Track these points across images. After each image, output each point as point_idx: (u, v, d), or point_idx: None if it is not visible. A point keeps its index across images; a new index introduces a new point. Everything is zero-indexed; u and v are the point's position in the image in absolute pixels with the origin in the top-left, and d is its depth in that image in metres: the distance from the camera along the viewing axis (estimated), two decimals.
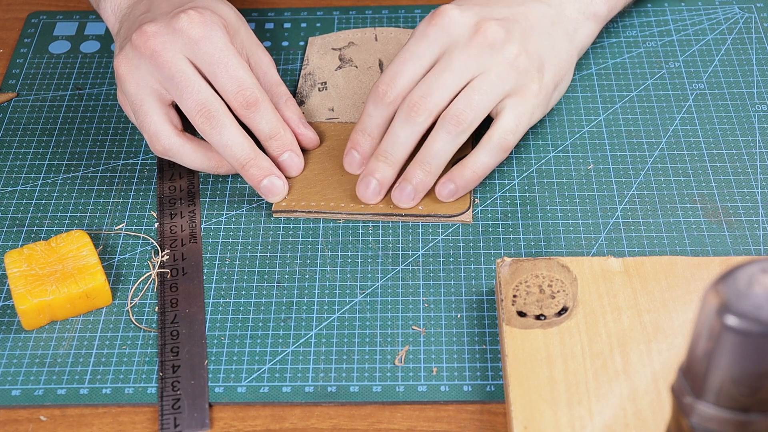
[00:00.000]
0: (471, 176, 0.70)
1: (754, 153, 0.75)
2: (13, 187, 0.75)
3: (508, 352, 0.60)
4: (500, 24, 0.70)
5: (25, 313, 0.64)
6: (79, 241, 0.67)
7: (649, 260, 0.65)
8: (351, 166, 0.73)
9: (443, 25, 0.69)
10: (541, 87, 0.71)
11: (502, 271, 0.64)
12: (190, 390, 0.62)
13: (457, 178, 0.70)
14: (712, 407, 0.46)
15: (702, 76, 0.81)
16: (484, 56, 0.69)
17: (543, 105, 0.72)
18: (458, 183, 0.70)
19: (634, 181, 0.73)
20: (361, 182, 0.71)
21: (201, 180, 0.75)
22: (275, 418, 0.61)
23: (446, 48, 0.69)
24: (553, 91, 0.72)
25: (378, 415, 0.61)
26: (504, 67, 0.69)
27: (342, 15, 0.88)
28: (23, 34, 0.87)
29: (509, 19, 0.71)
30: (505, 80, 0.69)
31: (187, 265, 0.69)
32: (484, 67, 0.69)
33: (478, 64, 0.69)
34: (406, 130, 0.69)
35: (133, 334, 0.66)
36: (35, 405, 0.62)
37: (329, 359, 0.64)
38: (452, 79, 0.69)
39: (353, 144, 0.72)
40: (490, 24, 0.69)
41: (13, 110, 0.81)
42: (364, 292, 0.67)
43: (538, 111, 0.71)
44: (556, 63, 0.73)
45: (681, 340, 0.60)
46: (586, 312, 0.62)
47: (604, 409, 0.57)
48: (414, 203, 0.70)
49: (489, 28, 0.69)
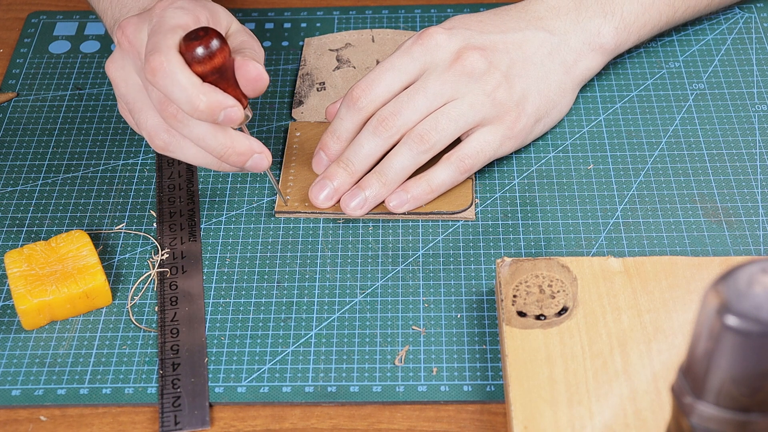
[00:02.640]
0: (425, 189, 0.70)
1: (754, 153, 0.75)
2: (13, 187, 0.75)
3: (508, 352, 0.60)
4: (484, 54, 0.70)
5: (25, 313, 0.64)
6: (79, 241, 0.67)
7: (649, 260, 0.65)
8: (318, 167, 0.73)
9: (428, 46, 0.70)
10: (518, 120, 0.71)
11: (502, 271, 0.64)
12: (191, 388, 0.62)
13: (411, 189, 0.70)
14: (712, 407, 0.46)
15: (702, 76, 0.81)
16: (460, 84, 0.70)
17: (518, 137, 0.72)
18: (412, 193, 0.70)
19: (634, 181, 0.73)
20: (317, 185, 0.71)
21: (201, 180, 0.75)
22: (275, 418, 0.61)
23: (426, 69, 0.70)
24: (534, 124, 0.73)
25: (378, 415, 0.61)
26: (479, 97, 0.70)
27: (342, 15, 0.88)
28: (23, 34, 0.87)
29: (498, 49, 0.71)
30: (478, 110, 0.70)
31: (186, 264, 0.69)
32: (458, 93, 0.70)
33: (453, 90, 0.70)
34: (371, 143, 0.69)
35: (133, 334, 0.66)
36: (35, 405, 0.62)
37: (329, 359, 0.64)
38: (424, 101, 0.69)
39: (322, 145, 0.72)
40: (472, 53, 0.70)
41: (13, 110, 0.81)
42: (364, 292, 0.67)
43: (509, 143, 0.72)
44: (542, 97, 0.73)
45: (681, 340, 0.60)
46: (586, 312, 0.62)
47: (604, 409, 0.57)
48: (361, 213, 0.70)
49: (470, 57, 0.69)
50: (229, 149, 0.65)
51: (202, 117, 0.62)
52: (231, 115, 0.63)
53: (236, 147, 0.65)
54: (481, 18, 0.74)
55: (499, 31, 0.72)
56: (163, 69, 0.61)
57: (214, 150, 0.65)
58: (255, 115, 0.80)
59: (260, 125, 0.79)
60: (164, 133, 0.66)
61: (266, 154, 0.66)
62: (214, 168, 0.68)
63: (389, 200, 0.70)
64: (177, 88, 0.61)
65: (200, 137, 0.64)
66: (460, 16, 0.73)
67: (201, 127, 0.64)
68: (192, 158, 0.67)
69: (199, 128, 0.64)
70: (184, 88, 0.61)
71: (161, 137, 0.66)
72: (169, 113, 0.64)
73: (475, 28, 0.72)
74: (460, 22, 0.72)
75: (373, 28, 0.86)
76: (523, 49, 0.72)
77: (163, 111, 0.64)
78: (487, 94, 0.70)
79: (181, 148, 0.67)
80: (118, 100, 0.69)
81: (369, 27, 0.86)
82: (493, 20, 0.73)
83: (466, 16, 0.74)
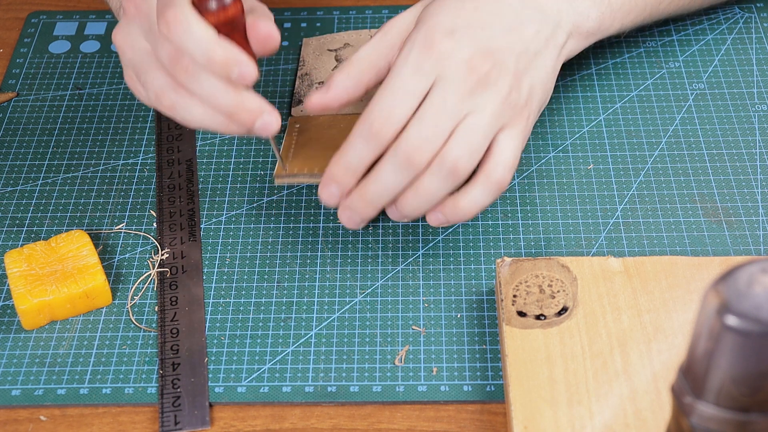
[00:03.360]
0: (465, 212, 0.66)
1: (754, 153, 0.75)
2: (13, 187, 0.75)
3: (508, 352, 0.60)
4: (494, 59, 0.67)
5: (25, 313, 0.64)
6: (79, 241, 0.67)
7: (649, 260, 0.65)
8: (330, 200, 0.67)
9: (437, 59, 0.65)
10: (530, 118, 0.68)
11: (502, 271, 0.64)
12: (191, 388, 0.62)
13: (449, 213, 0.66)
14: (712, 407, 0.46)
15: (702, 76, 0.81)
16: (477, 94, 0.65)
17: (529, 132, 0.70)
18: (450, 218, 0.66)
19: (634, 181, 0.73)
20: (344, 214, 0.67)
21: (201, 180, 0.75)
22: (275, 418, 0.61)
23: (437, 80, 0.65)
24: (537, 114, 0.70)
25: (378, 415, 0.61)
26: (498, 105, 0.66)
27: (342, 15, 0.88)
28: (23, 34, 0.87)
29: (503, 48, 0.68)
30: (498, 118, 0.66)
31: (186, 263, 0.69)
32: (477, 106, 0.65)
33: (472, 103, 0.65)
34: (399, 177, 0.64)
35: (133, 334, 0.66)
36: (35, 405, 0.62)
37: (329, 359, 0.64)
38: (447, 121, 0.65)
39: (334, 178, 0.66)
40: (485, 61, 0.66)
41: (13, 110, 0.81)
42: (364, 292, 0.67)
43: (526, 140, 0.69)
44: (542, 86, 0.70)
45: (681, 340, 0.60)
46: (586, 312, 0.62)
47: (604, 409, 0.57)
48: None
49: (483, 65, 0.66)
50: (239, 106, 0.64)
51: (216, 70, 0.62)
52: (245, 72, 0.62)
53: (247, 104, 0.64)
54: (476, 4, 0.69)
55: (499, 23, 0.69)
56: (178, 21, 0.60)
57: (225, 106, 0.64)
58: None
59: None
60: (172, 92, 0.65)
61: (276, 116, 0.64)
62: (221, 130, 0.65)
63: (429, 219, 0.66)
64: (192, 40, 0.61)
65: (210, 93, 0.63)
66: (455, 7, 0.68)
67: (212, 82, 0.63)
68: (199, 119, 0.65)
69: (210, 83, 0.63)
70: (200, 39, 0.61)
71: (169, 97, 0.65)
72: (181, 67, 0.63)
73: (476, 24, 0.68)
74: (460, 18, 0.68)
75: (373, 28, 0.86)
76: (523, 40, 0.69)
77: (175, 66, 0.63)
78: (504, 100, 0.66)
79: (189, 108, 0.65)
80: (125, 69, 0.68)
81: (369, 27, 0.87)
82: (490, 6, 0.68)
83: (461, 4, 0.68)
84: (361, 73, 0.67)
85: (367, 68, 0.67)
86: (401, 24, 0.68)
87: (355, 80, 0.67)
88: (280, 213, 0.72)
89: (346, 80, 0.67)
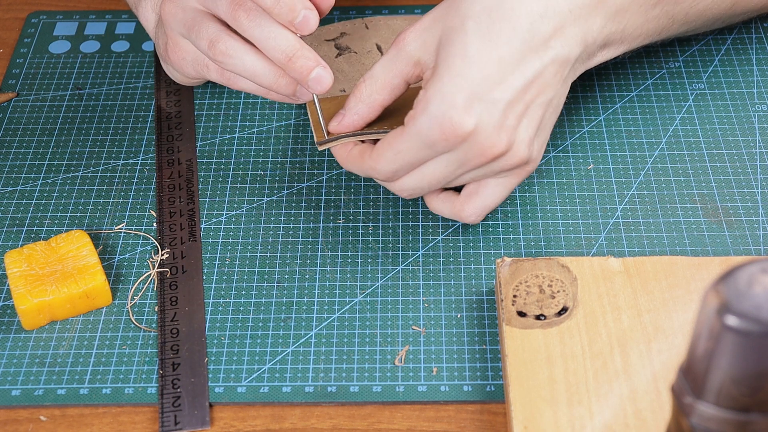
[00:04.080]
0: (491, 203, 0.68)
1: (754, 153, 0.75)
2: (13, 187, 0.75)
3: (508, 352, 0.60)
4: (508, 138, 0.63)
5: (25, 313, 0.64)
6: (79, 241, 0.67)
7: (649, 260, 0.65)
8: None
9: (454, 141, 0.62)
10: (531, 165, 0.67)
11: (502, 271, 0.64)
12: (191, 388, 0.62)
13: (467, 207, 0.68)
14: (712, 407, 0.46)
15: (702, 76, 0.81)
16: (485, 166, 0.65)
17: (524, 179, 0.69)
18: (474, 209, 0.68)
19: (634, 181, 0.73)
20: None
21: (201, 180, 0.75)
22: (275, 418, 0.61)
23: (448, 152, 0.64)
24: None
25: (378, 415, 0.61)
26: (501, 169, 0.65)
27: (342, 15, 0.88)
28: (23, 34, 0.87)
29: (527, 103, 0.63)
30: (498, 175, 0.66)
31: (186, 264, 0.69)
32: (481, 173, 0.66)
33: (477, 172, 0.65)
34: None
35: (133, 334, 0.66)
36: (35, 405, 0.62)
37: (329, 359, 0.64)
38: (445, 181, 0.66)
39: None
40: (499, 141, 0.63)
41: (13, 110, 0.81)
42: (364, 292, 0.67)
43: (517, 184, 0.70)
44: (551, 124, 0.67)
45: (681, 340, 0.60)
46: (586, 312, 0.62)
47: (604, 409, 0.57)
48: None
49: (498, 146, 0.63)
50: (297, 53, 0.64)
51: (283, 12, 0.63)
52: (309, 18, 0.64)
53: (305, 51, 0.65)
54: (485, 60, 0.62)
55: (514, 86, 0.63)
56: None
57: (283, 50, 0.64)
58: (255, 114, 0.80)
59: (260, 125, 0.79)
60: (227, 38, 0.66)
61: (329, 72, 0.65)
62: (268, 83, 0.66)
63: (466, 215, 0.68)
64: None
65: (270, 35, 0.64)
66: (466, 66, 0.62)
67: (272, 25, 0.64)
68: (251, 67, 0.66)
69: (271, 26, 0.64)
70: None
71: (224, 42, 0.66)
72: (243, 9, 0.64)
73: (494, 90, 0.62)
74: (474, 84, 0.62)
75: None
76: (542, 96, 0.64)
77: (237, 8, 0.64)
78: (511, 166, 0.65)
79: (242, 56, 0.66)
80: (171, 40, 0.70)
81: None
82: (502, 66, 0.63)
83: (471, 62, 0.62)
84: (374, 94, 0.67)
85: (380, 88, 0.66)
86: (415, 38, 0.65)
87: (368, 104, 0.67)
88: (280, 213, 0.72)
89: (360, 105, 0.67)
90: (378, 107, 0.67)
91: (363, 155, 0.66)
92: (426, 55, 0.65)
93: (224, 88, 0.81)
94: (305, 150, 0.77)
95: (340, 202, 0.73)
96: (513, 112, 0.63)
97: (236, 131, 0.78)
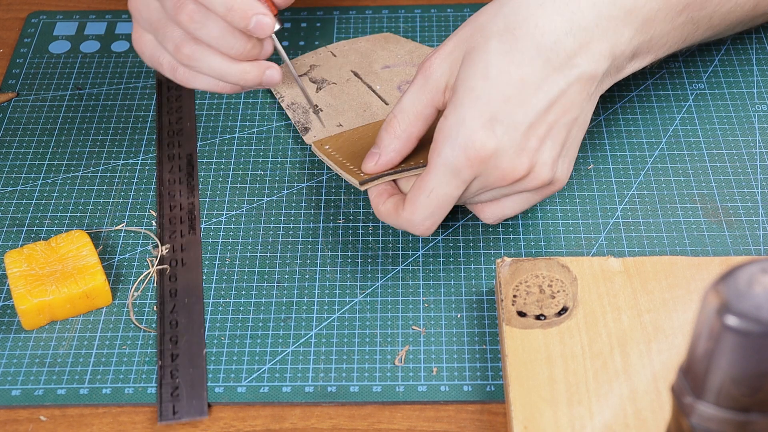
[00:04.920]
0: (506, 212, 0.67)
1: (754, 153, 0.75)
2: (13, 187, 0.75)
3: (508, 352, 0.60)
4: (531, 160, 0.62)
5: (25, 313, 0.64)
6: (79, 241, 0.67)
7: (649, 260, 0.65)
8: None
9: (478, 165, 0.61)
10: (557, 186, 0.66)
11: (502, 271, 0.64)
12: (189, 378, 0.63)
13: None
14: (712, 407, 0.46)
15: (702, 76, 0.81)
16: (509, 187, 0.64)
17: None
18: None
19: (634, 181, 0.73)
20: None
21: (201, 180, 0.75)
22: (275, 418, 0.61)
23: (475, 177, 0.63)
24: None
25: (378, 415, 0.61)
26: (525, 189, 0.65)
27: (342, 15, 0.88)
28: (23, 34, 0.87)
29: (550, 124, 0.62)
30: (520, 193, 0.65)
31: (186, 256, 0.69)
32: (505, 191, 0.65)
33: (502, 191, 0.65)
34: None
35: (133, 334, 0.66)
36: (35, 405, 0.62)
37: (329, 359, 0.64)
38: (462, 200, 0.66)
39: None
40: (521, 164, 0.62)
41: (13, 110, 0.81)
42: (364, 292, 0.67)
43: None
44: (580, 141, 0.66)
45: (681, 340, 0.60)
46: (586, 312, 0.62)
47: (604, 409, 0.57)
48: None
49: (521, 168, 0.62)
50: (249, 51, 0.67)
51: (235, 20, 0.64)
52: (262, 22, 0.65)
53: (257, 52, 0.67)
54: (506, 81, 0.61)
55: (536, 108, 0.62)
56: None
57: (236, 50, 0.66)
58: (255, 114, 0.80)
59: (260, 125, 0.79)
60: (191, 42, 0.67)
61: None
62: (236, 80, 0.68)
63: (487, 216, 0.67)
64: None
65: (219, 36, 0.66)
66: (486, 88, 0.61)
67: (218, 25, 0.65)
68: (217, 68, 0.67)
69: (217, 26, 0.66)
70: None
71: (188, 47, 0.67)
72: (185, 14, 0.65)
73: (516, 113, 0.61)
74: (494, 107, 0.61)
75: (373, 28, 0.86)
76: (566, 116, 0.63)
77: (179, 13, 0.65)
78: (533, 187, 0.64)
79: (207, 58, 0.67)
80: (136, 31, 0.70)
81: (369, 27, 0.86)
82: (525, 87, 0.61)
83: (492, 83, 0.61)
84: (408, 127, 0.65)
85: (413, 121, 0.65)
86: (441, 64, 0.64)
87: (403, 139, 0.65)
88: (280, 213, 0.72)
89: (396, 141, 0.65)
90: (414, 140, 0.66)
91: (397, 209, 0.65)
92: (453, 79, 0.63)
93: None
94: (305, 150, 0.77)
95: (340, 202, 0.73)
96: (535, 135, 0.62)
97: (236, 131, 0.78)
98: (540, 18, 0.62)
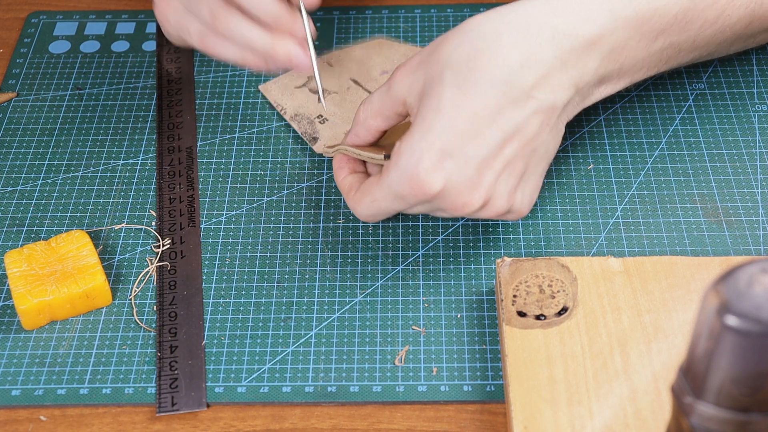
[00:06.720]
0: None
1: (754, 153, 0.75)
2: (13, 187, 0.75)
3: (508, 352, 0.60)
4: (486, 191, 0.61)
5: (25, 313, 0.64)
6: (79, 241, 0.67)
7: (649, 260, 0.65)
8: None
9: (423, 196, 0.61)
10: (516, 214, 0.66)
11: (502, 271, 0.64)
12: (188, 370, 0.63)
13: None
14: (712, 407, 0.46)
15: (702, 76, 0.81)
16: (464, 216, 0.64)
17: None
18: None
19: (634, 181, 0.73)
20: None
21: (201, 180, 0.75)
22: (275, 418, 0.61)
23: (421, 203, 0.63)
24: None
25: (378, 415, 0.61)
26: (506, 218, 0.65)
27: (342, 15, 0.88)
28: (23, 34, 0.87)
29: (507, 156, 0.61)
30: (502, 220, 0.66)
31: (185, 249, 0.69)
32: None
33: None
34: None
35: (133, 334, 0.66)
36: (35, 405, 0.62)
37: (329, 359, 0.64)
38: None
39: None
40: (475, 195, 0.61)
41: (13, 110, 0.81)
42: (364, 292, 0.67)
43: None
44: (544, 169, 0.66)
45: (681, 340, 0.61)
46: (586, 312, 0.62)
47: (604, 409, 0.57)
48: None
49: (475, 201, 0.61)
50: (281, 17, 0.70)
51: None
52: None
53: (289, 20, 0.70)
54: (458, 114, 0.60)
55: (490, 141, 0.61)
56: None
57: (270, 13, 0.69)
58: (255, 114, 0.80)
59: (260, 125, 0.79)
60: (226, 6, 0.69)
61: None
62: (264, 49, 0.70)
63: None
64: None
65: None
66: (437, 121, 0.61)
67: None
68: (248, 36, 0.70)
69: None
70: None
71: (224, 11, 0.69)
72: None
73: (467, 146, 0.60)
74: (445, 140, 0.60)
75: (373, 28, 0.86)
76: (525, 148, 0.62)
77: None
78: (491, 215, 0.64)
79: (240, 24, 0.69)
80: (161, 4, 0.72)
81: (368, 27, 0.86)
82: (477, 120, 0.60)
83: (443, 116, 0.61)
84: (368, 118, 0.66)
85: (374, 115, 0.66)
86: (403, 79, 0.64)
87: (364, 127, 0.67)
88: (280, 213, 0.72)
89: (357, 127, 0.68)
90: (374, 131, 0.67)
91: (350, 192, 0.67)
92: (411, 98, 0.63)
93: (224, 88, 0.81)
94: (305, 150, 0.77)
95: (340, 202, 0.73)
96: (489, 168, 0.61)
97: (236, 131, 0.78)
98: (495, 50, 0.61)
